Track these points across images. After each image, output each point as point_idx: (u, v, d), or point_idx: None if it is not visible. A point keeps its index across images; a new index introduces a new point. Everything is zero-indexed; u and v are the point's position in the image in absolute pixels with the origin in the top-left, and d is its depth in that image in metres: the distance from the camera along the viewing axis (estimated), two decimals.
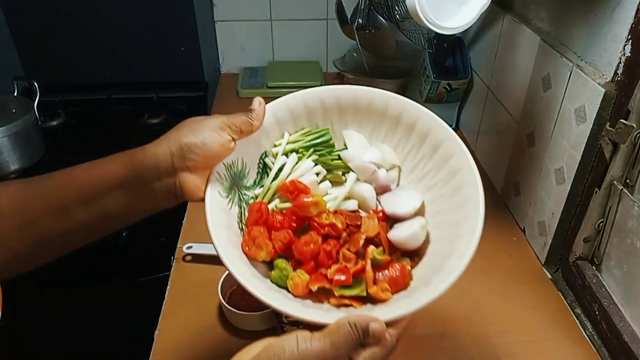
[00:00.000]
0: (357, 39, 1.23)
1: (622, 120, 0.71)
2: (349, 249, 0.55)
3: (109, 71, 1.54)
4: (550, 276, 0.91)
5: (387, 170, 0.64)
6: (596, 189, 0.78)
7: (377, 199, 0.63)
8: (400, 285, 0.53)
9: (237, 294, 0.82)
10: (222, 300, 0.78)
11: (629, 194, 0.74)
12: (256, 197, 0.62)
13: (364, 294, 0.52)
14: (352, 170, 0.63)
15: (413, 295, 0.51)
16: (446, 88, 1.24)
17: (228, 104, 1.44)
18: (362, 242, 0.55)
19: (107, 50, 1.51)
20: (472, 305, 0.84)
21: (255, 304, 0.79)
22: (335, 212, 0.59)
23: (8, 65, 1.48)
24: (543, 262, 0.92)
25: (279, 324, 0.70)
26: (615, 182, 0.76)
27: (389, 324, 0.47)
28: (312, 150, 0.63)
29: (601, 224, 0.80)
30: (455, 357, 0.76)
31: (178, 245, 0.94)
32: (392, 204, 0.60)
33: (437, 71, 1.22)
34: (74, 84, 1.54)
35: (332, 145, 0.65)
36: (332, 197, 0.61)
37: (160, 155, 0.52)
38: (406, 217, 0.59)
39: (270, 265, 0.57)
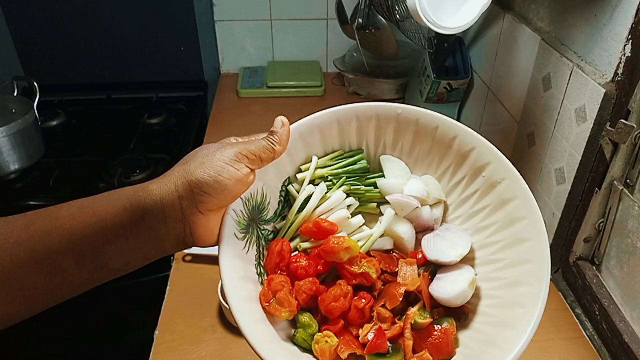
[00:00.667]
0: (357, 38, 1.22)
1: (622, 120, 0.71)
2: (384, 305, 0.48)
3: (108, 71, 1.55)
4: (550, 276, 0.91)
5: (430, 207, 0.55)
6: (596, 189, 0.78)
7: (416, 238, 0.55)
8: (443, 353, 0.46)
9: None
10: (222, 301, 0.77)
11: (629, 194, 0.74)
12: (276, 231, 0.54)
13: None
14: (391, 205, 0.55)
15: None
16: (446, 88, 1.24)
17: (228, 104, 1.44)
18: (400, 297, 0.48)
19: (107, 50, 1.51)
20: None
21: None
22: (367, 253, 0.52)
23: (8, 65, 1.48)
24: None
25: None
26: (615, 182, 0.76)
27: None
28: (344, 178, 0.55)
29: (601, 224, 0.79)
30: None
31: None
32: (435, 248, 0.52)
33: (438, 71, 1.22)
34: (73, 83, 1.55)
35: (367, 171, 0.57)
36: (365, 235, 0.53)
37: (166, 198, 0.43)
38: (451, 264, 0.51)
39: (292, 319, 0.50)
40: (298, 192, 0.54)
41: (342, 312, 0.48)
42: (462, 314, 0.49)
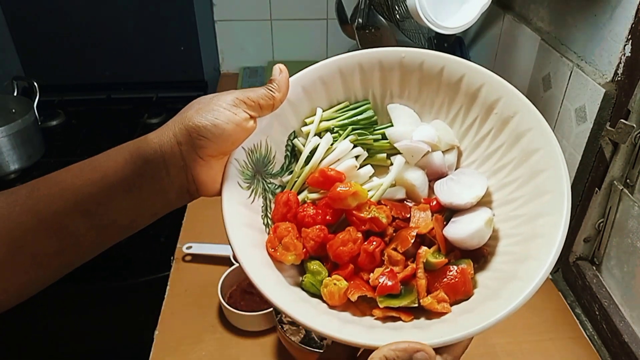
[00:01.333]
0: (357, 38, 1.22)
1: (622, 120, 0.71)
2: (395, 249, 0.46)
3: (108, 71, 1.55)
4: (550, 276, 0.91)
5: (443, 153, 0.53)
6: (596, 189, 0.78)
7: (429, 186, 0.52)
8: (460, 293, 0.44)
9: (237, 294, 0.82)
10: (222, 301, 0.78)
11: (629, 194, 0.74)
12: (284, 186, 0.52)
13: (415, 304, 0.43)
14: (400, 153, 0.52)
15: (477, 309, 0.41)
16: None
17: None
18: (412, 239, 0.45)
19: (107, 50, 1.51)
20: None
21: (255, 305, 0.79)
22: (378, 202, 0.49)
23: (8, 65, 1.48)
24: None
25: (278, 323, 0.70)
26: (615, 182, 0.76)
27: (442, 349, 0.39)
28: (350, 128, 0.53)
29: (601, 224, 0.79)
30: None
31: (178, 245, 0.94)
32: (449, 191, 0.49)
33: None
34: (73, 83, 1.55)
35: (375, 122, 0.55)
36: (375, 185, 0.51)
37: (165, 145, 0.43)
38: (466, 208, 0.48)
39: (300, 268, 0.48)
40: (304, 146, 0.52)
41: (351, 256, 0.46)
42: (480, 256, 0.46)
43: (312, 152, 0.52)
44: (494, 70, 0.50)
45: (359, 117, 0.53)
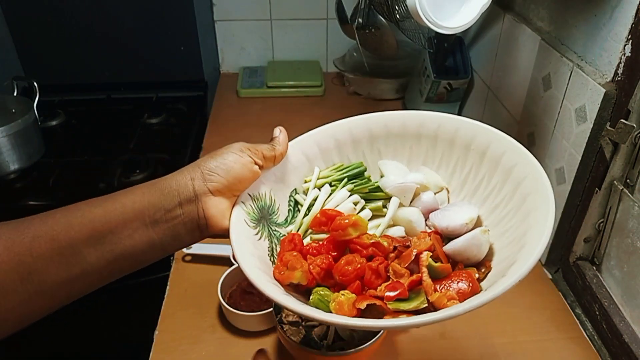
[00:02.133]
0: (357, 38, 1.23)
1: (622, 120, 0.71)
2: (399, 265, 0.48)
3: (108, 71, 1.54)
4: (550, 276, 0.91)
5: (434, 193, 0.58)
6: (596, 189, 0.78)
7: (426, 224, 0.56)
8: (467, 294, 0.45)
9: (237, 294, 0.82)
10: (222, 301, 0.77)
11: (629, 194, 0.74)
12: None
13: (425, 305, 0.44)
14: (393, 195, 0.57)
15: (485, 294, 0.43)
16: (446, 88, 1.24)
17: (228, 104, 1.44)
18: (413, 255, 0.47)
19: (107, 50, 1.51)
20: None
21: (255, 305, 0.79)
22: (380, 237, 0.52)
23: (8, 65, 1.48)
24: (543, 263, 0.92)
25: (278, 323, 0.70)
26: (615, 182, 0.76)
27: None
28: (346, 179, 0.59)
29: (601, 224, 0.80)
30: (455, 358, 0.76)
31: None
32: (444, 218, 0.53)
33: (438, 71, 1.22)
34: (73, 83, 1.54)
35: (368, 179, 0.60)
36: (374, 225, 0.55)
37: (180, 181, 0.49)
38: (462, 232, 0.51)
39: (307, 295, 0.49)
40: (304, 200, 0.58)
41: (357, 274, 0.48)
42: (482, 266, 0.49)
43: (313, 203, 0.57)
44: (494, 70, 0.51)
45: (354, 172, 0.60)
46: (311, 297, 0.48)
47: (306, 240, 0.55)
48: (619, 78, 0.72)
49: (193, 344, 0.77)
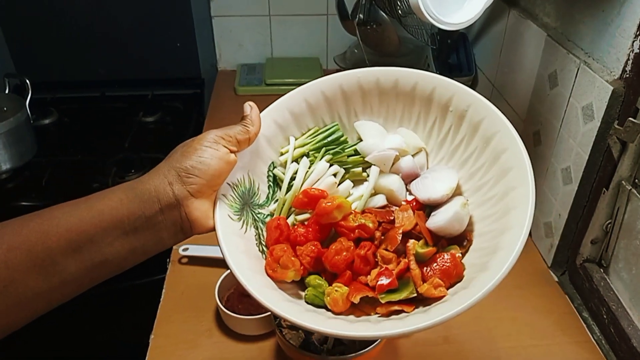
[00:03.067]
0: (358, 34, 1.22)
1: (630, 118, 0.71)
2: (386, 249, 0.51)
3: (102, 68, 1.54)
4: (556, 279, 0.91)
5: (412, 156, 0.59)
6: (604, 189, 0.78)
7: (407, 189, 0.58)
8: (453, 277, 0.48)
9: (234, 297, 0.82)
10: (219, 304, 0.77)
11: (637, 194, 0.74)
12: (272, 213, 0.57)
13: (414, 294, 0.48)
14: (373, 164, 0.58)
15: (471, 284, 0.46)
16: None
17: (225, 102, 1.43)
18: (399, 237, 0.50)
19: (101, 47, 1.50)
20: (476, 309, 0.84)
21: (253, 308, 0.79)
22: (363, 212, 0.54)
23: None
24: (549, 265, 0.92)
25: (277, 327, 0.70)
26: (623, 182, 0.76)
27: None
28: (324, 150, 0.59)
29: (609, 225, 0.79)
30: None
31: (174, 247, 0.94)
32: (425, 189, 0.55)
33: (441, 68, 1.22)
34: (66, 81, 1.54)
35: (345, 142, 0.60)
36: (357, 196, 0.56)
37: (158, 186, 0.47)
38: (443, 201, 0.54)
39: (301, 284, 0.52)
40: (284, 174, 0.58)
41: (346, 263, 0.50)
42: (464, 240, 0.51)
43: (293, 178, 0.57)
44: (499, 67, 0.51)
45: (330, 138, 0.59)
46: (306, 292, 0.50)
47: (290, 220, 0.56)
48: (627, 75, 0.72)
49: (190, 349, 0.77)
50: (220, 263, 0.89)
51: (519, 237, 0.45)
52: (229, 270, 0.85)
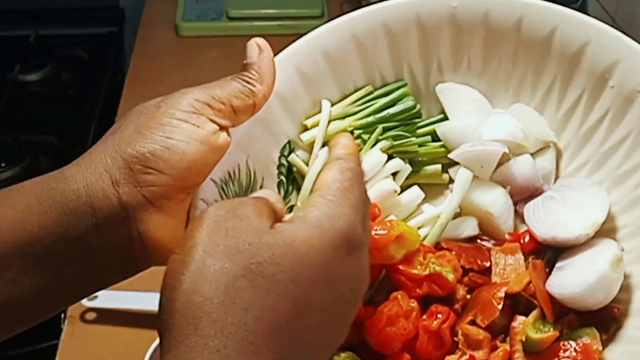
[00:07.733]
0: None
1: None
2: (474, 322, 0.49)
3: None
4: None
5: (532, 156, 0.57)
6: None
7: (516, 212, 0.56)
8: None
9: None
10: None
11: None
12: None
13: None
14: (461, 164, 0.56)
15: None
16: None
17: (160, 48, 1.42)
18: (499, 304, 0.49)
19: None
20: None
21: None
22: (437, 247, 0.52)
23: None
24: None
25: None
26: None
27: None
28: (379, 129, 0.56)
29: None
30: None
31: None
32: (549, 218, 0.53)
33: None
34: None
35: (418, 115, 0.58)
36: (429, 217, 0.55)
37: (93, 185, 0.44)
38: (579, 243, 0.52)
39: None
40: (307, 164, 0.55)
41: (405, 340, 0.49)
42: (609, 320, 0.50)
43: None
44: (615, 24, 0.51)
45: (392, 109, 0.57)
46: None
47: None
48: None
49: None
50: (150, 320, 0.89)
51: None
52: None
